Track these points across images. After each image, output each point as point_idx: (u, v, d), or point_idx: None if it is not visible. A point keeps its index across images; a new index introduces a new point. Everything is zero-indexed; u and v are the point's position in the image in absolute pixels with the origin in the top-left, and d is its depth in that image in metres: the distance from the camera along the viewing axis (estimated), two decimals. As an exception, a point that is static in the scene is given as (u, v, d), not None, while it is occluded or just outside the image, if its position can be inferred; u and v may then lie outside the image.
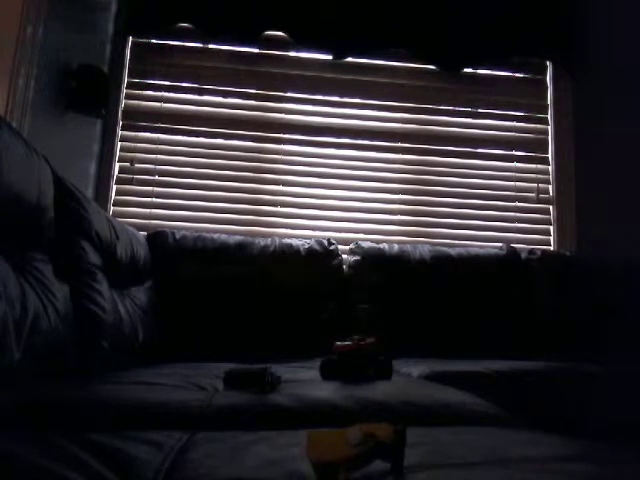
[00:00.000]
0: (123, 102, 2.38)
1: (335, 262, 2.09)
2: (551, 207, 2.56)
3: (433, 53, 2.50)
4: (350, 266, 2.11)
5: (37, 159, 1.14)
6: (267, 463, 0.56)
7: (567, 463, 0.58)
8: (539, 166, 2.59)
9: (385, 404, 0.91)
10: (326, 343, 1.31)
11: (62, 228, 1.23)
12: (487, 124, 2.59)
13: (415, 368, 1.47)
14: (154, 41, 2.43)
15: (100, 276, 1.34)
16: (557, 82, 2.63)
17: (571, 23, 2.57)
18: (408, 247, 2.15)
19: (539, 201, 2.55)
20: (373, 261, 2.09)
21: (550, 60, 2.64)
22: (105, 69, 2.25)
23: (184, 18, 2.36)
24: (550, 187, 2.57)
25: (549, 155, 2.60)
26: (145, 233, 1.97)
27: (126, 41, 2.41)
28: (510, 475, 0.53)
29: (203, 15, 2.35)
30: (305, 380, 1.17)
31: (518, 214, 2.54)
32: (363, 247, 2.14)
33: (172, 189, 2.35)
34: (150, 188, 2.34)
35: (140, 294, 1.65)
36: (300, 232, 2.36)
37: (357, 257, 2.11)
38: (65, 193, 1.29)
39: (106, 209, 2.25)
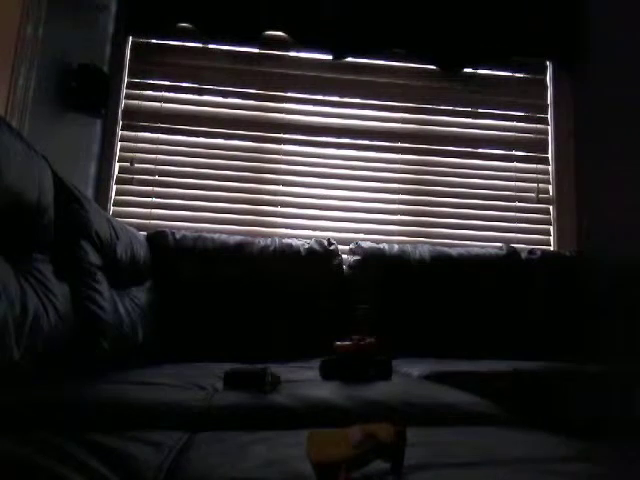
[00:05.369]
0: (123, 102, 2.38)
1: (335, 262, 2.09)
2: (551, 207, 2.56)
3: (433, 53, 2.50)
4: (350, 266, 2.11)
5: (37, 159, 1.14)
6: (267, 463, 0.56)
7: (567, 463, 0.58)
8: (539, 166, 2.59)
9: (385, 404, 0.91)
10: (326, 343, 1.31)
11: (62, 228, 1.23)
12: (487, 124, 2.59)
13: (415, 368, 1.47)
14: (154, 41, 2.43)
15: (100, 276, 1.34)
16: (557, 82, 2.63)
17: (571, 23, 2.57)
18: (408, 247, 2.15)
19: (539, 201, 2.55)
20: (373, 261, 2.09)
21: (550, 60, 2.64)
22: (105, 69, 2.25)
23: (184, 18, 2.36)
24: (550, 187, 2.57)
25: (549, 155, 2.60)
26: (145, 233, 1.97)
27: (126, 41, 2.40)
28: (510, 475, 0.53)
29: (203, 15, 2.35)
30: (305, 380, 1.17)
31: (518, 214, 2.54)
32: (363, 247, 2.13)
33: (172, 189, 2.35)
34: (150, 188, 2.34)
35: (140, 294, 1.65)
36: (300, 232, 2.36)
37: (357, 257, 2.11)
38: (65, 193, 1.29)
39: (106, 209, 2.25)
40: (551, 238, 2.53)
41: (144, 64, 2.41)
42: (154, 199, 2.33)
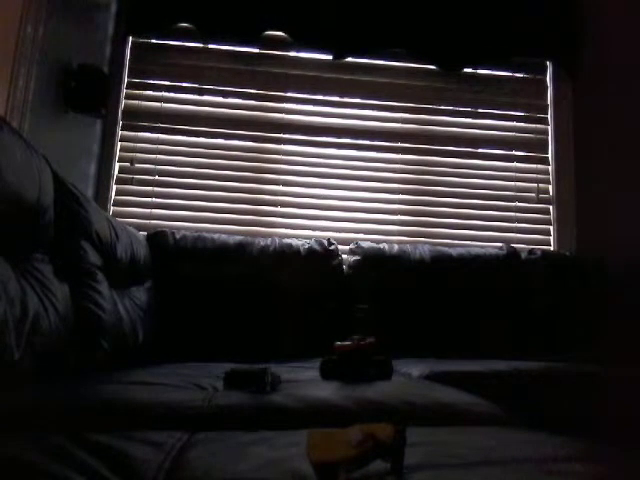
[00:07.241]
0: (123, 102, 2.38)
1: (335, 262, 2.09)
2: (551, 207, 2.56)
3: (433, 53, 2.50)
4: (350, 266, 2.11)
5: (37, 159, 1.14)
6: (267, 463, 0.56)
7: (567, 463, 0.58)
8: (539, 166, 2.59)
9: (385, 404, 0.91)
10: (326, 343, 1.31)
11: (62, 228, 1.23)
12: (487, 124, 2.59)
13: (415, 368, 1.47)
14: (154, 41, 2.43)
15: (100, 276, 1.34)
16: (557, 82, 2.63)
17: (571, 23, 2.57)
18: (408, 247, 2.15)
19: (539, 201, 2.55)
20: (373, 261, 2.09)
21: (550, 60, 2.64)
22: (105, 69, 2.25)
23: (184, 18, 2.36)
24: (550, 187, 2.57)
25: (549, 155, 2.60)
26: (145, 233, 1.97)
27: (126, 41, 2.40)
28: (510, 475, 0.53)
29: (203, 15, 2.35)
30: (305, 380, 1.17)
31: (518, 214, 2.54)
32: (363, 247, 2.13)
33: (172, 189, 2.35)
34: (150, 188, 2.34)
35: (140, 294, 1.65)
36: (300, 232, 2.36)
37: (357, 257, 2.11)
38: (65, 193, 1.29)
39: (106, 209, 2.25)
40: (551, 238, 2.53)
41: (144, 64, 2.41)
42: (154, 199, 2.33)
